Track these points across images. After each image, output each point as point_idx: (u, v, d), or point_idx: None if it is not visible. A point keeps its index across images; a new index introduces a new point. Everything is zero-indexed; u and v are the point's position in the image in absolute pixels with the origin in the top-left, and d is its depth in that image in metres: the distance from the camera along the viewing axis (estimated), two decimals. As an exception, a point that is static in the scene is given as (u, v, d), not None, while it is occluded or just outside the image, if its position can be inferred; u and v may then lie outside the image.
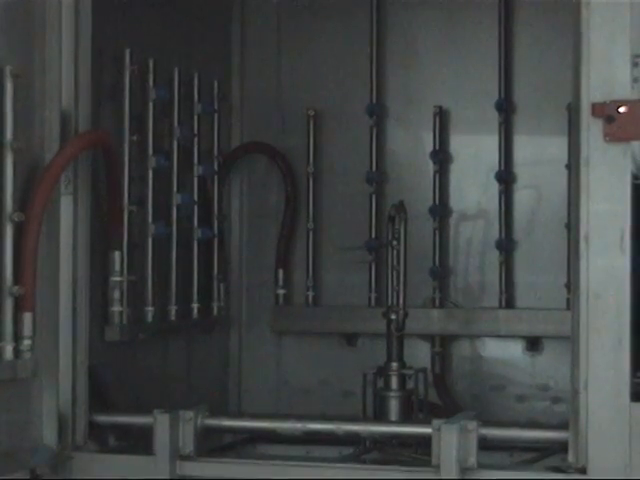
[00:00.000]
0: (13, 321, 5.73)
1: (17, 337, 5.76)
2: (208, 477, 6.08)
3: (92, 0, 6.14)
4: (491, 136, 7.81)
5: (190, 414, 6.03)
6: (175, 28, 7.44)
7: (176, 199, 7.37)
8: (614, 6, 5.58)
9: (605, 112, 5.54)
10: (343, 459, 6.36)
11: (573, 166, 5.82)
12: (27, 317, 5.77)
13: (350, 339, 8.06)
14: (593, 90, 5.59)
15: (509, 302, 7.84)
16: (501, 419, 6.83)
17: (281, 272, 8.10)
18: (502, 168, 7.84)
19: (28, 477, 6.01)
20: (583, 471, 5.59)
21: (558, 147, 7.01)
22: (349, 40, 8.04)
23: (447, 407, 7.29)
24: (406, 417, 7.07)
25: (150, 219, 7.06)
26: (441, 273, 7.96)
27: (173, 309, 7.36)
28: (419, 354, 7.73)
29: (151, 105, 7.08)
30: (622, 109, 5.52)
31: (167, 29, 7.30)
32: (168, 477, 5.97)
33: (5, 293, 5.69)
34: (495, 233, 7.86)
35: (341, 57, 8.08)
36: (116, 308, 6.62)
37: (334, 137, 8.10)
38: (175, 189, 7.36)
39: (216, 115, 7.91)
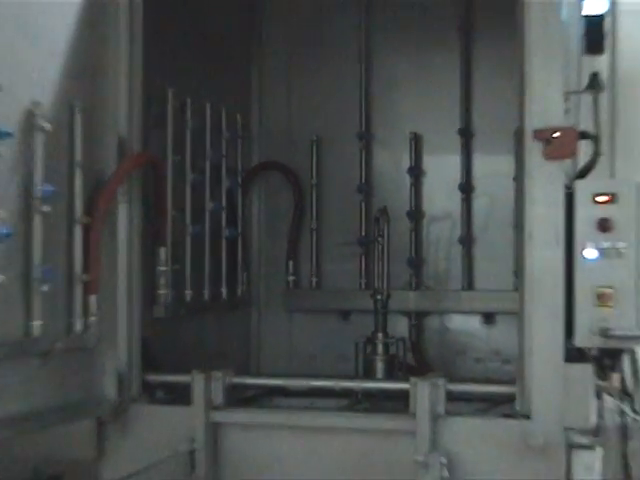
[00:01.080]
0: (82, 302, 5.74)
1: (85, 314, 5.77)
2: (234, 422, 6.06)
3: (143, 50, 6.15)
4: (455, 156, 7.88)
5: (220, 374, 6.05)
6: (206, 72, 7.46)
7: (208, 206, 7.39)
8: (550, 55, 5.61)
9: (544, 136, 5.58)
10: (339, 408, 6.35)
11: (519, 179, 5.88)
12: (92, 299, 5.81)
13: (345, 315, 8.10)
14: (534, 119, 5.64)
15: (469, 285, 7.90)
16: (463, 377, 6.80)
17: (291, 263, 8.15)
18: (463, 181, 7.90)
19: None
20: (527, 417, 5.63)
21: (507, 164, 6.99)
22: (343, 82, 8.13)
23: (421, 368, 7.29)
24: (389, 375, 7.12)
25: (188, 222, 7.09)
26: (416, 263, 7.99)
27: (206, 292, 7.38)
28: (399, 326, 7.78)
29: (188, 133, 7.10)
30: (556, 134, 5.53)
31: (200, 73, 7.33)
32: (203, 423, 5.97)
33: (76, 280, 5.73)
34: (458, 231, 7.92)
35: (337, 95, 8.15)
36: (162, 291, 6.63)
37: (332, 157, 8.15)
38: (208, 198, 7.38)
39: (239, 140, 7.93)
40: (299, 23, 8.13)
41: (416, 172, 8.00)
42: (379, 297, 7.34)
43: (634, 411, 6.07)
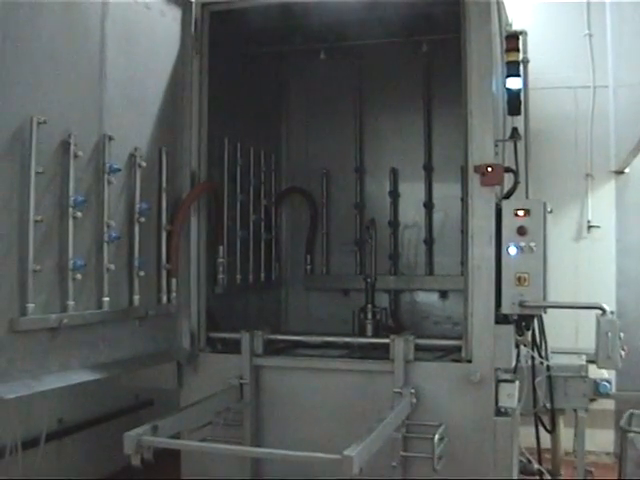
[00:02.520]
0: (166, 283, 5.87)
1: (168, 291, 5.88)
2: (270, 366, 6.08)
3: (207, 110, 6.22)
4: (420, 183, 7.82)
5: (260, 332, 6.09)
6: (251, 126, 7.45)
7: (251, 218, 7.38)
8: (485, 115, 5.63)
9: (481, 170, 5.59)
10: (342, 356, 6.26)
11: (464, 199, 5.83)
12: (173, 281, 5.91)
13: (345, 292, 8.02)
14: (474, 158, 5.66)
15: (430, 271, 7.83)
16: (427, 334, 6.77)
17: (308, 256, 8.09)
18: (427, 200, 7.85)
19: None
20: (469, 361, 5.64)
21: (456, 189, 6.98)
22: (344, 133, 8.04)
23: (397, 328, 7.21)
24: (376, 334, 7.01)
25: (238, 228, 7.09)
26: (394, 257, 7.93)
27: (250, 276, 7.35)
28: (382, 300, 7.71)
29: (238, 167, 7.11)
30: (489, 169, 5.57)
31: (246, 126, 7.31)
32: (248, 366, 6.02)
33: (162, 268, 5.84)
34: (423, 235, 7.86)
35: (339, 142, 8.06)
36: (220, 275, 6.62)
37: (336, 184, 8.11)
38: (251, 212, 7.37)
39: (272, 172, 7.92)
40: (313, 95, 8.10)
41: (394, 195, 7.98)
42: (369, 280, 7.25)
43: (540, 356, 6.16)
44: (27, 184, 4.42)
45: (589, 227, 8.49)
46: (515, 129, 6.20)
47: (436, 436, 5.36)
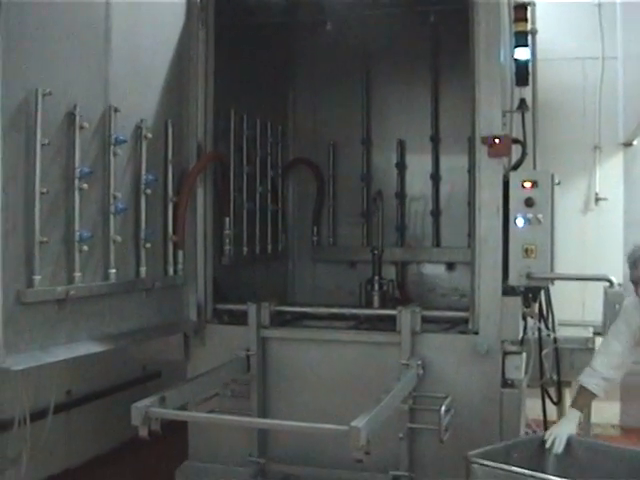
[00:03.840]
0: (173, 255, 5.87)
1: (175, 263, 5.88)
2: (277, 337, 6.10)
3: (214, 81, 6.20)
4: (427, 155, 7.79)
5: (267, 304, 6.10)
6: (257, 97, 7.41)
7: (258, 189, 7.34)
8: (492, 86, 5.62)
9: (488, 141, 5.58)
10: (349, 328, 6.28)
11: (471, 171, 5.85)
12: (180, 253, 5.92)
13: (352, 264, 8.00)
14: (482, 129, 5.65)
15: (437, 243, 7.80)
16: (433, 306, 6.76)
17: (315, 228, 8.07)
18: (433, 172, 7.82)
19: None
20: (476, 333, 5.67)
21: (463, 161, 6.97)
22: (351, 105, 7.99)
23: (404, 300, 7.27)
24: (382, 305, 7.09)
25: (244, 200, 7.07)
26: (401, 228, 7.91)
27: (257, 248, 7.32)
28: (389, 272, 7.69)
29: (244, 139, 7.08)
30: (497, 140, 5.57)
31: (253, 98, 7.26)
32: (255, 337, 6.03)
33: (168, 240, 5.84)
34: (430, 207, 7.83)
35: (347, 114, 8.02)
36: (227, 247, 6.63)
37: (343, 156, 8.07)
38: (258, 184, 7.34)
39: (279, 144, 7.87)
40: (320, 66, 8.02)
41: (401, 166, 7.94)
42: (376, 252, 7.33)
43: (547, 328, 6.17)
44: (33, 156, 4.41)
45: (597, 199, 8.47)
46: (523, 100, 6.19)
47: (443, 407, 5.37)
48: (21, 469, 6.04)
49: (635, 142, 8.42)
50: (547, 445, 4.89)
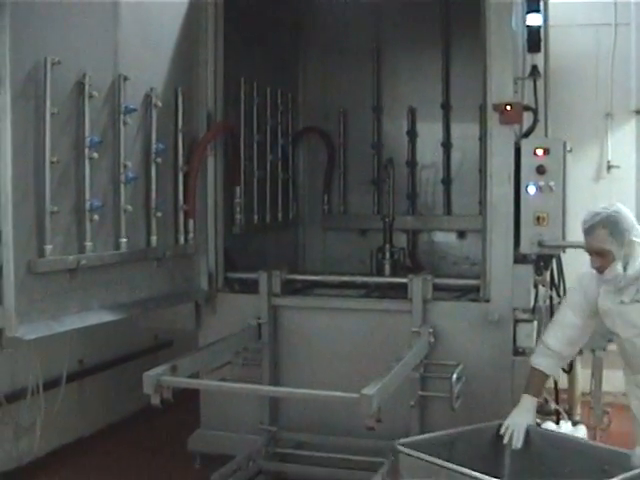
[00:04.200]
0: (183, 224, 5.87)
1: (185, 232, 5.88)
2: (288, 305, 6.13)
3: (224, 49, 6.18)
4: (438, 122, 7.74)
5: (277, 272, 6.12)
6: (267, 65, 7.40)
7: (268, 158, 7.34)
8: (504, 52, 5.60)
9: (499, 109, 5.58)
10: (359, 296, 6.33)
11: (483, 138, 5.84)
12: (191, 222, 5.92)
13: (363, 232, 7.96)
14: (493, 96, 5.63)
15: (448, 211, 7.77)
16: (444, 274, 6.78)
17: (325, 196, 8.04)
18: (444, 140, 7.77)
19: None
20: (487, 301, 5.70)
21: (474, 128, 6.87)
22: (362, 72, 7.93)
23: (415, 268, 7.26)
24: (393, 273, 7.08)
25: (255, 168, 7.07)
26: (412, 196, 7.87)
27: (268, 216, 7.34)
28: (400, 240, 7.68)
29: (255, 107, 7.07)
30: (508, 107, 5.55)
31: (263, 66, 7.25)
32: (266, 306, 6.07)
33: (179, 209, 5.83)
34: (441, 175, 7.79)
35: (357, 81, 7.95)
36: (238, 215, 6.64)
37: (354, 123, 8.02)
38: (268, 152, 7.33)
39: (289, 112, 7.85)
40: (330, 33, 7.96)
41: (412, 134, 7.89)
42: (387, 220, 7.31)
43: (558, 296, 6.15)
44: (42, 125, 4.40)
45: (609, 167, 8.41)
46: (535, 67, 6.16)
47: (454, 375, 5.40)
48: (35, 438, 6.09)
49: (647, 109, 8.37)
50: (505, 440, 4.44)
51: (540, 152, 5.60)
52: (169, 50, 5.75)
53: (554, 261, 6.09)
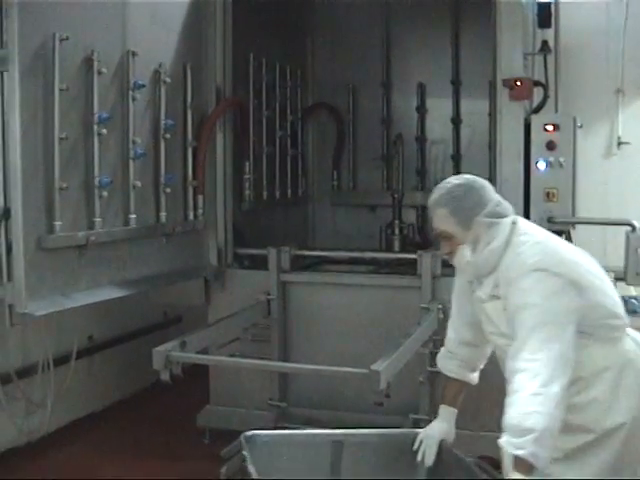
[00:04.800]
0: (193, 199, 5.87)
1: (195, 208, 5.89)
2: (297, 281, 6.13)
3: (232, 26, 6.16)
4: (448, 98, 7.70)
5: (287, 248, 6.10)
6: (276, 41, 7.36)
7: (278, 133, 7.31)
8: (514, 28, 5.57)
9: (509, 84, 5.56)
10: (369, 272, 6.34)
11: (492, 114, 5.85)
12: (200, 198, 5.92)
13: (372, 208, 7.96)
14: (503, 72, 5.62)
15: None
16: None
17: (335, 172, 8.01)
18: (454, 116, 7.74)
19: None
20: (497, 277, 5.67)
21: (483, 104, 6.82)
22: (371, 48, 7.90)
23: (425, 244, 7.19)
24: (403, 249, 7.09)
25: (264, 144, 7.04)
26: (421, 172, 7.85)
27: (277, 192, 7.31)
28: (409, 216, 7.66)
29: (264, 83, 7.04)
30: (518, 82, 5.54)
31: (272, 42, 7.21)
32: (276, 282, 6.06)
33: (188, 184, 5.82)
34: (450, 151, 7.77)
35: (367, 57, 7.93)
36: (247, 191, 6.61)
37: (363, 99, 7.99)
38: (277, 128, 7.30)
39: (298, 88, 7.83)
40: (339, 8, 7.86)
41: (421, 110, 7.86)
42: (396, 196, 7.30)
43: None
44: (51, 101, 4.40)
45: (619, 143, 8.37)
46: (545, 42, 6.14)
47: (463, 351, 5.38)
48: (46, 413, 6.13)
49: (659, 85, 8.32)
50: (418, 457, 3.79)
51: (550, 128, 5.59)
52: (178, 26, 5.73)
53: (564, 237, 6.06)
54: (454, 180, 3.60)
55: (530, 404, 3.01)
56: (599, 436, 3.33)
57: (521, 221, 3.53)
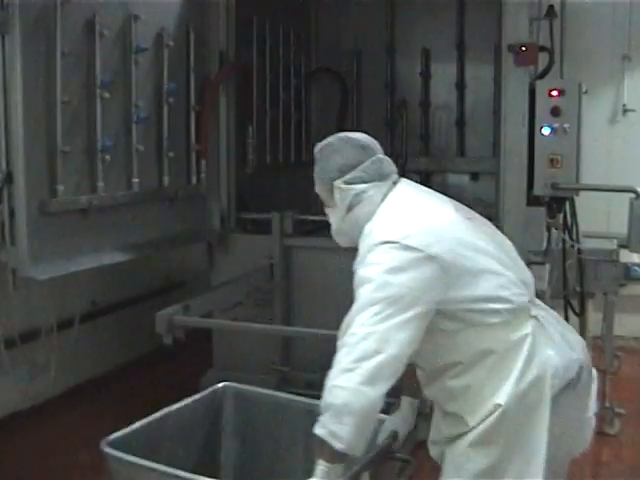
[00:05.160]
0: (195, 163, 5.86)
1: (198, 172, 5.89)
2: (300, 246, 6.13)
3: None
4: (452, 64, 7.61)
5: (290, 213, 6.11)
6: (280, 4, 7.24)
7: (281, 97, 7.27)
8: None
9: (514, 49, 5.51)
10: None
11: (497, 79, 5.83)
12: (203, 162, 5.92)
13: None
14: (508, 37, 5.56)
15: (461, 153, 7.67)
16: None
17: None
18: (458, 81, 7.64)
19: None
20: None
21: (488, 69, 6.82)
22: (376, 13, 7.80)
23: None
24: None
25: (267, 107, 6.99)
26: (425, 138, 7.79)
27: (280, 156, 7.27)
28: (413, 181, 7.55)
29: (267, 46, 6.98)
30: (523, 48, 5.50)
31: (276, 5, 7.10)
32: (278, 246, 6.08)
33: (191, 148, 5.82)
34: (454, 116, 7.68)
35: (371, 21, 7.83)
36: (250, 155, 6.53)
37: (367, 64, 7.90)
38: (281, 92, 7.25)
39: (302, 52, 7.75)
40: None
41: (425, 75, 7.77)
42: (400, 161, 7.12)
43: (571, 239, 6.14)
44: (53, 65, 4.40)
45: (624, 110, 8.33)
46: (551, 7, 6.07)
47: (465, 319, 5.37)
48: (50, 377, 6.16)
49: (665, 52, 8.27)
50: None
51: (555, 93, 5.53)
52: (181, -11, 5.69)
53: (567, 204, 6.06)
54: (329, 139, 3.31)
55: (336, 379, 2.85)
56: (475, 424, 2.96)
57: (400, 187, 3.27)
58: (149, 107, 5.29)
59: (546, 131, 5.56)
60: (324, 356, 5.88)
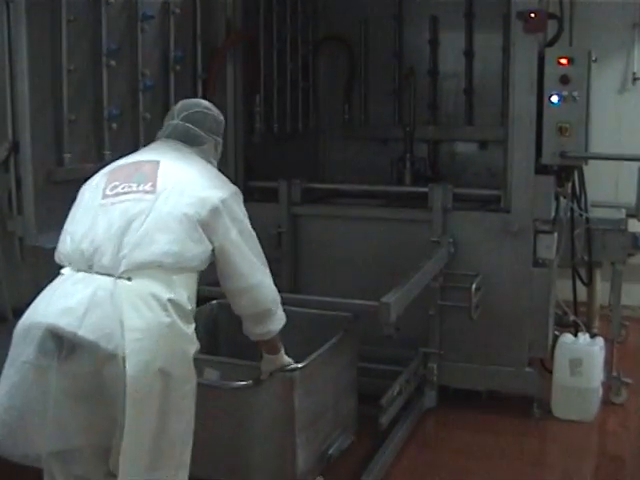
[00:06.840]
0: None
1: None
2: (308, 214, 6.15)
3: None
4: (460, 32, 7.50)
5: (298, 181, 6.11)
6: None
7: (289, 66, 7.22)
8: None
9: (524, 16, 5.48)
10: (380, 205, 6.32)
11: (506, 47, 5.77)
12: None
13: (385, 141, 7.79)
14: (517, 4, 5.52)
15: (470, 122, 7.58)
16: (464, 184, 6.67)
17: (346, 106, 7.83)
18: (467, 49, 7.54)
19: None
20: (508, 211, 5.68)
21: (497, 37, 6.71)
22: None
23: (436, 178, 7.13)
24: (414, 183, 7.04)
25: (275, 77, 6.95)
26: (433, 106, 7.71)
27: (288, 125, 7.23)
28: (421, 150, 7.53)
29: (274, 15, 6.93)
30: (532, 15, 5.46)
31: None
32: (286, 214, 6.09)
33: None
34: (462, 85, 7.59)
35: None
36: (257, 125, 6.51)
37: (375, 31, 7.81)
38: (288, 60, 7.20)
39: (310, 20, 7.69)
40: None
41: (434, 43, 7.68)
42: (408, 129, 7.24)
43: (579, 208, 6.12)
44: (59, 33, 4.35)
45: (634, 79, 8.26)
46: (560, -27, 6.02)
47: (473, 285, 5.41)
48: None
49: (675, 20, 8.18)
50: None
51: (564, 61, 5.50)
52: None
53: (576, 173, 6.02)
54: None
55: None
56: None
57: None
58: (156, 75, 5.25)
59: (555, 99, 5.54)
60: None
